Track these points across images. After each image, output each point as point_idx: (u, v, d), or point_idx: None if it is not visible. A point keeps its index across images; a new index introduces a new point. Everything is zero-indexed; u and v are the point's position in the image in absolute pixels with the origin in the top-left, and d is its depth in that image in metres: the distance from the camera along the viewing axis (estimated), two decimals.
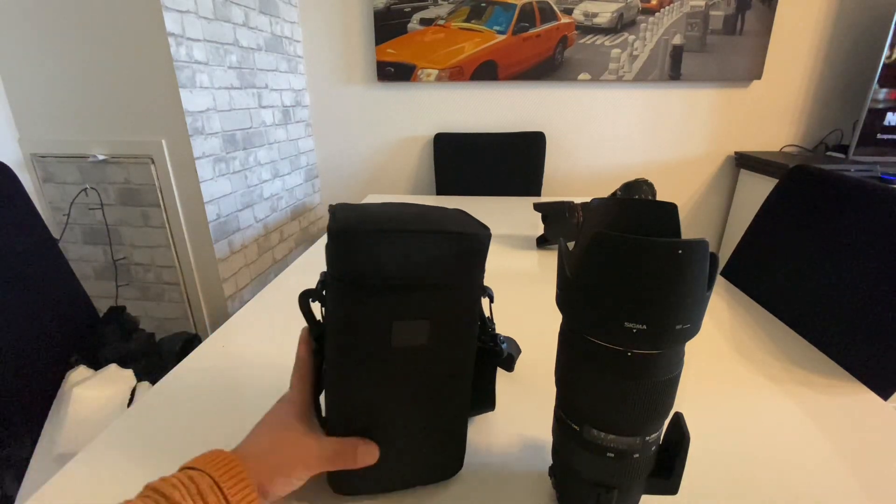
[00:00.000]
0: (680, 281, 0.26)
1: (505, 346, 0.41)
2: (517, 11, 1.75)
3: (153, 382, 0.70)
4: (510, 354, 0.48)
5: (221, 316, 1.40)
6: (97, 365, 0.84)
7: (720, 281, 0.83)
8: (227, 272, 1.39)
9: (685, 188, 1.98)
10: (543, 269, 0.88)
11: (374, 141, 2.03)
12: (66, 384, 0.79)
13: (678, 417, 0.34)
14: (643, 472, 0.32)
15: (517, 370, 0.56)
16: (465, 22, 1.78)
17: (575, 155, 1.97)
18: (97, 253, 1.36)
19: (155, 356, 0.98)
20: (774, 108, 1.83)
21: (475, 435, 0.45)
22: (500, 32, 1.78)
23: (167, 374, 0.55)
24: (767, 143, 1.87)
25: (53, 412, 0.76)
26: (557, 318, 0.32)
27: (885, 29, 1.47)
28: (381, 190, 2.10)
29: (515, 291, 0.78)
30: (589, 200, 0.37)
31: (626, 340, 0.27)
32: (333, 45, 1.89)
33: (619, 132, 1.92)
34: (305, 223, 1.98)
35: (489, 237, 0.36)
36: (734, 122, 1.86)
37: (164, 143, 1.22)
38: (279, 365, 0.52)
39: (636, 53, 1.77)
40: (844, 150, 1.65)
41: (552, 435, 0.36)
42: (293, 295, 0.53)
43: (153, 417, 0.48)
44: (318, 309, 0.37)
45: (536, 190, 1.88)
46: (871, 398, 0.52)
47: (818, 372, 0.56)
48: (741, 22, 1.69)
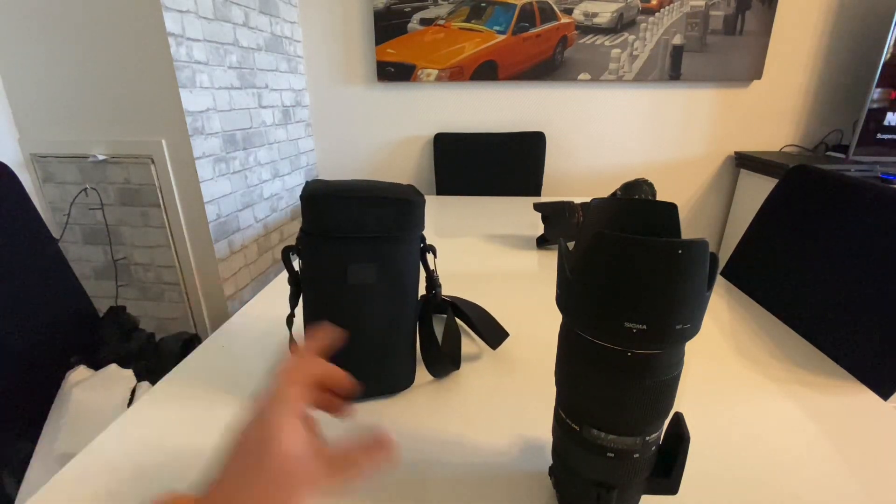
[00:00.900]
0: (680, 281, 0.26)
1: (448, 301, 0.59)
2: (517, 11, 1.75)
3: (153, 382, 0.70)
4: (451, 304, 0.60)
5: (221, 316, 1.40)
6: (97, 365, 0.84)
7: (720, 281, 0.83)
8: (227, 272, 1.39)
9: (685, 188, 1.98)
10: (543, 269, 0.88)
11: (374, 141, 2.03)
12: (66, 384, 0.79)
13: (678, 417, 0.34)
14: (643, 471, 0.32)
15: (516, 371, 0.56)
16: (465, 22, 1.78)
17: (575, 155, 1.97)
18: (97, 253, 1.36)
19: (155, 356, 0.97)
20: (774, 108, 1.83)
21: (475, 434, 0.45)
22: (500, 32, 1.78)
23: (167, 374, 0.55)
24: (767, 143, 1.87)
25: (53, 412, 0.76)
26: (557, 318, 0.32)
27: (885, 29, 1.47)
28: None
29: (515, 291, 0.78)
30: (589, 200, 0.37)
31: (626, 340, 0.27)
32: (333, 45, 1.89)
33: (619, 132, 1.92)
34: None
35: (422, 203, 0.48)
36: (734, 122, 1.86)
37: (164, 143, 1.22)
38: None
39: (636, 53, 1.77)
40: (844, 150, 1.65)
41: (552, 435, 0.36)
42: None
43: (153, 417, 0.48)
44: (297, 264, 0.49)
45: (536, 190, 1.88)
46: (871, 398, 0.52)
47: (818, 372, 0.56)
48: (741, 22, 1.69)
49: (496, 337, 0.58)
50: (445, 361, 0.54)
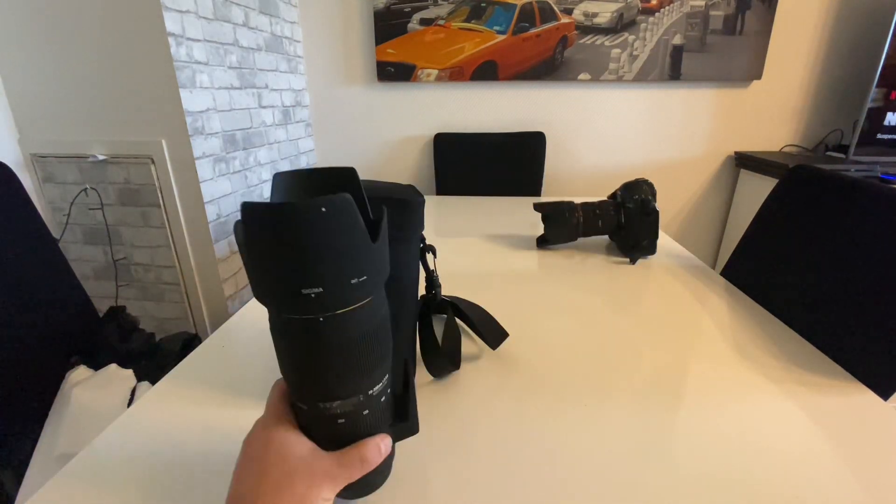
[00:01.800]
0: (334, 237, 0.25)
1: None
2: (517, 11, 1.75)
3: (153, 382, 0.70)
4: (451, 304, 0.60)
5: (221, 316, 1.40)
6: (97, 365, 0.84)
7: (720, 281, 0.83)
8: (227, 272, 1.39)
9: (685, 188, 1.98)
10: (543, 269, 0.88)
11: (374, 141, 2.03)
12: (66, 384, 0.79)
13: (403, 360, 0.35)
14: (382, 423, 0.33)
15: (516, 371, 0.56)
16: (465, 22, 1.78)
17: (575, 155, 1.97)
18: (97, 253, 1.36)
19: (155, 356, 0.98)
20: (774, 108, 1.83)
21: (475, 434, 0.45)
22: (500, 32, 1.78)
23: (167, 374, 0.55)
24: (767, 143, 1.87)
25: (53, 412, 0.76)
26: (558, 318, 0.33)
27: (885, 29, 1.47)
28: None
29: (515, 291, 0.78)
30: (579, 201, 0.37)
31: (311, 307, 0.27)
32: (333, 45, 1.89)
33: (619, 132, 1.92)
34: None
35: (422, 203, 0.48)
36: (734, 122, 1.86)
37: (164, 143, 1.22)
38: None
39: (636, 53, 1.77)
40: (844, 150, 1.65)
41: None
42: None
43: (153, 417, 0.48)
44: None
45: (536, 190, 1.88)
46: (871, 398, 0.52)
47: (818, 372, 0.56)
48: (741, 22, 1.69)
49: (496, 337, 0.58)
50: (445, 361, 0.54)
